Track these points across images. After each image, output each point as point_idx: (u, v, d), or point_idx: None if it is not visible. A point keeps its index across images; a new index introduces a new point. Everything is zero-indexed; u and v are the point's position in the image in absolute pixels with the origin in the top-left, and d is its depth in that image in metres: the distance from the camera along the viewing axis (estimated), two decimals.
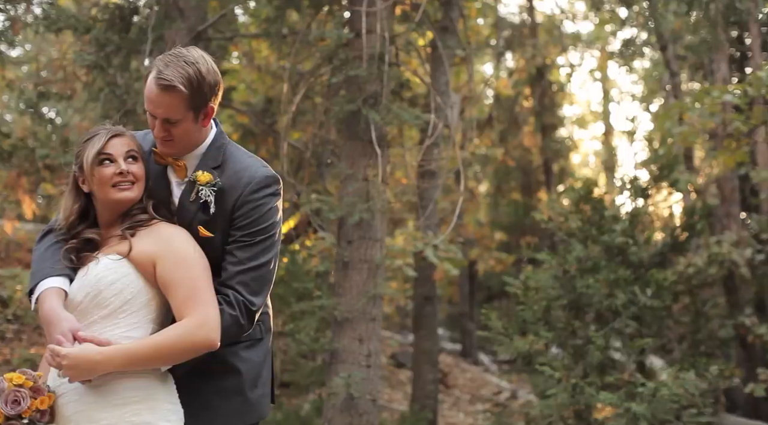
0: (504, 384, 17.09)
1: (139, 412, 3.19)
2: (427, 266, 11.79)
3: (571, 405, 7.57)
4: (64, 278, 3.30)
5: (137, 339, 3.23)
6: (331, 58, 7.95)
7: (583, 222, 8.09)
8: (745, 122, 8.99)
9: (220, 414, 3.45)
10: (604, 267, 7.86)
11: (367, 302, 7.51)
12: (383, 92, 7.51)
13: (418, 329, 12.37)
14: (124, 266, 3.26)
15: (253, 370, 3.53)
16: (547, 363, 7.67)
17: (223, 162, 3.46)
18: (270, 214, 3.44)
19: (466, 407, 14.90)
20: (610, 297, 7.76)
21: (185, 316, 3.20)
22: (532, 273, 8.13)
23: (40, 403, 3.16)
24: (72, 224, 3.43)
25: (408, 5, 8.36)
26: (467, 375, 17.45)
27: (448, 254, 10.98)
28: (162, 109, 3.28)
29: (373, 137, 7.45)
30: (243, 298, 3.35)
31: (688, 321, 10.45)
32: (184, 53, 3.30)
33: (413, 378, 12.29)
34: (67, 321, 3.17)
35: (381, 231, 7.69)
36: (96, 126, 3.49)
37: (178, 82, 3.21)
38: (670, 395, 7.42)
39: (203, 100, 3.30)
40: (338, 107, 7.54)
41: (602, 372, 7.85)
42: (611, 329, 7.85)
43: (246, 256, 3.38)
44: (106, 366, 3.10)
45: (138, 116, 8.35)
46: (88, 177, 3.34)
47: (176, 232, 3.35)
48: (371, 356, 7.53)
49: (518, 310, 8.04)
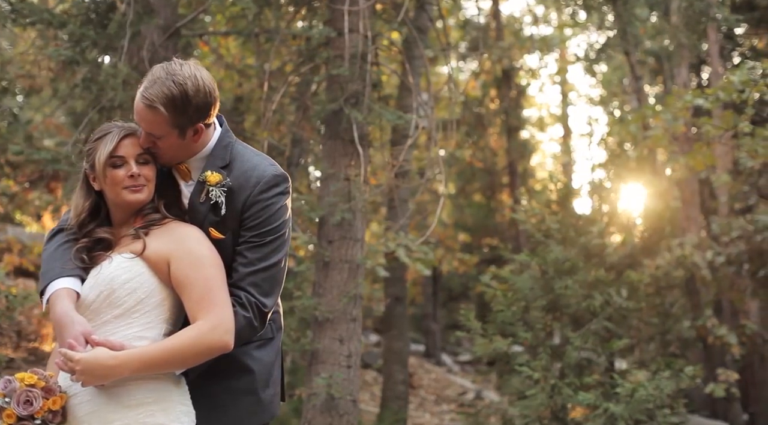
0: (468, 385, 17.16)
1: (153, 413, 3.15)
2: (398, 266, 11.80)
3: (549, 406, 7.61)
4: (76, 278, 3.24)
5: (150, 339, 3.19)
6: (312, 57, 7.89)
7: (561, 224, 8.14)
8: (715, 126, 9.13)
9: (232, 414, 3.41)
10: (582, 269, 7.92)
11: (348, 302, 7.48)
12: (365, 92, 7.48)
13: (388, 329, 12.36)
14: (138, 265, 3.21)
15: (265, 369, 3.50)
16: (526, 363, 7.70)
17: (230, 161, 3.41)
18: (279, 213, 3.40)
19: (432, 407, 14.94)
20: (588, 299, 7.82)
21: (199, 317, 3.16)
22: (510, 275, 8.16)
23: (52, 404, 3.10)
24: (83, 223, 3.37)
25: (388, 4, 8.34)
26: (431, 375, 17.50)
27: (419, 255, 11.01)
28: (144, 124, 3.25)
29: (356, 136, 7.42)
30: (255, 299, 3.31)
31: (657, 322, 10.58)
32: (176, 71, 3.21)
33: (383, 379, 12.28)
34: (79, 324, 3.11)
35: (362, 231, 7.66)
36: (108, 123, 3.42)
37: (159, 102, 3.17)
38: (647, 395, 7.50)
39: (188, 121, 3.25)
40: (320, 106, 7.49)
41: (579, 372, 7.91)
42: (588, 330, 7.91)
43: (256, 257, 3.34)
44: (121, 372, 3.05)
45: (114, 112, 8.22)
46: (99, 177, 3.29)
47: (190, 231, 3.30)
48: (352, 356, 7.50)
49: (496, 311, 8.06)
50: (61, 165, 7.93)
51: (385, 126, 8.01)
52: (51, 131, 12.71)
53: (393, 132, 11.41)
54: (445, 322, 22.36)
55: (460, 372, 19.31)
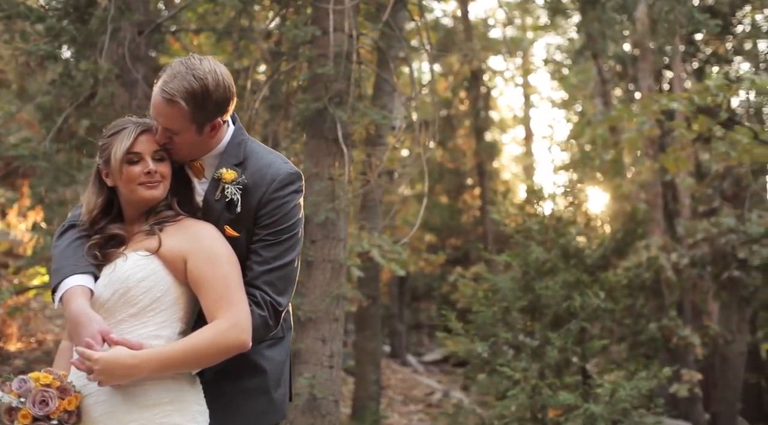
0: (435, 385, 17.20)
1: (169, 414, 3.13)
2: (372, 266, 11.79)
3: (529, 406, 7.66)
4: (89, 275, 3.19)
5: (165, 338, 3.16)
6: (295, 56, 7.86)
7: (541, 225, 8.20)
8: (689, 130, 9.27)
9: (245, 414, 3.39)
10: (562, 270, 7.98)
11: (331, 302, 7.45)
12: (349, 91, 7.46)
13: (361, 329, 12.35)
14: (154, 262, 3.18)
15: (277, 369, 3.49)
16: (506, 364, 7.74)
17: (245, 159, 3.39)
18: (294, 212, 3.39)
19: (400, 408, 14.95)
20: (569, 299, 7.89)
21: (217, 316, 3.13)
22: (491, 275, 8.19)
23: (67, 404, 3.07)
24: (95, 219, 3.32)
25: (371, 4, 8.32)
26: (398, 375, 17.52)
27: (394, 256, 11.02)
28: (162, 119, 3.22)
29: (340, 135, 7.39)
30: (270, 298, 3.30)
31: (630, 322, 10.71)
32: (196, 65, 3.19)
33: (356, 379, 12.26)
34: (96, 323, 3.07)
35: (344, 231, 7.65)
36: (122, 118, 3.37)
37: (180, 97, 3.15)
38: (626, 395, 7.58)
39: (207, 116, 3.23)
40: (304, 105, 7.46)
41: (559, 373, 7.97)
42: (567, 330, 7.97)
43: (271, 255, 3.32)
44: (140, 371, 3.02)
45: (91, 109, 8.12)
46: (114, 173, 3.24)
47: (206, 228, 3.27)
48: (334, 356, 7.47)
49: (477, 311, 8.10)
50: (39, 162, 7.80)
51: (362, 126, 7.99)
52: (18, 126, 12.49)
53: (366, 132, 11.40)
54: (409, 322, 22.41)
55: (425, 372, 19.35)
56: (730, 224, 15.33)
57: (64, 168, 7.88)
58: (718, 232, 15.52)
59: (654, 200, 16.99)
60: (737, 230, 15.44)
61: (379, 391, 12.45)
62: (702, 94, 8.91)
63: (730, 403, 16.46)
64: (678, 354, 15.99)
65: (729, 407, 16.42)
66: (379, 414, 11.99)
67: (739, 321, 16.47)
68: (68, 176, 7.89)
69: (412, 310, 24.42)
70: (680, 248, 15.86)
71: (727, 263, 15.75)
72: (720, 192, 16.36)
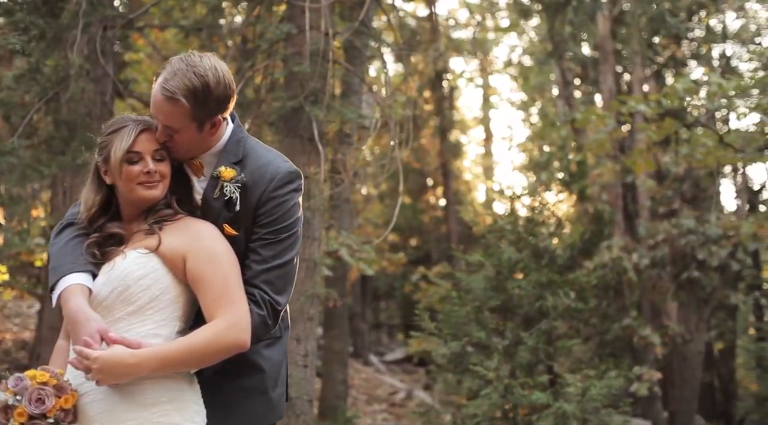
0: (398, 384, 17.23)
1: (167, 413, 3.10)
2: (339, 266, 11.77)
3: (502, 405, 7.70)
4: (88, 274, 3.16)
5: (164, 337, 3.13)
6: (269, 54, 7.81)
7: (514, 225, 8.25)
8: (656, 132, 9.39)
9: (243, 413, 3.37)
10: (534, 270, 8.04)
11: (306, 301, 7.42)
12: (325, 90, 7.44)
13: (329, 329, 12.32)
14: (153, 261, 3.15)
15: (274, 368, 3.46)
16: (479, 363, 7.78)
17: (243, 157, 3.37)
18: (293, 210, 3.37)
19: (365, 407, 14.95)
20: (541, 299, 7.94)
21: (216, 315, 3.11)
22: (464, 275, 8.22)
23: (64, 402, 3.03)
24: (93, 217, 3.28)
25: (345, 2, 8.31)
26: (362, 375, 17.51)
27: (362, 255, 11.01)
28: (162, 116, 3.18)
29: (315, 134, 7.36)
30: (269, 297, 3.28)
31: (596, 322, 10.84)
32: (196, 62, 3.17)
33: (323, 379, 12.22)
34: (95, 321, 3.04)
35: (319, 230, 7.62)
36: (121, 115, 3.32)
37: (180, 94, 3.12)
38: (597, 394, 7.66)
39: (208, 113, 3.20)
40: (280, 103, 7.41)
41: (530, 372, 8.03)
42: (538, 330, 8.03)
43: (270, 254, 3.30)
44: (140, 370, 2.98)
45: (59, 105, 7.98)
46: (114, 172, 3.20)
47: (205, 227, 3.24)
48: (308, 356, 7.44)
49: (449, 311, 8.12)
50: (6, 158, 7.64)
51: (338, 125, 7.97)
52: None
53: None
54: (369, 322, 22.40)
55: (387, 371, 19.37)
56: (689, 226, 15.59)
57: (32, 165, 7.73)
58: (678, 233, 15.78)
59: (615, 202, 17.22)
60: (696, 232, 15.72)
61: (347, 391, 12.44)
62: (670, 97, 9.03)
63: (687, 401, 16.74)
64: (638, 353, 16.21)
65: (687, 405, 16.70)
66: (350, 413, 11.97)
67: (697, 320, 16.76)
68: (36, 172, 7.75)
69: (373, 309, 24.43)
70: (640, 249, 16.11)
71: (686, 263, 16.03)
72: (680, 194, 16.65)
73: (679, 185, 16.47)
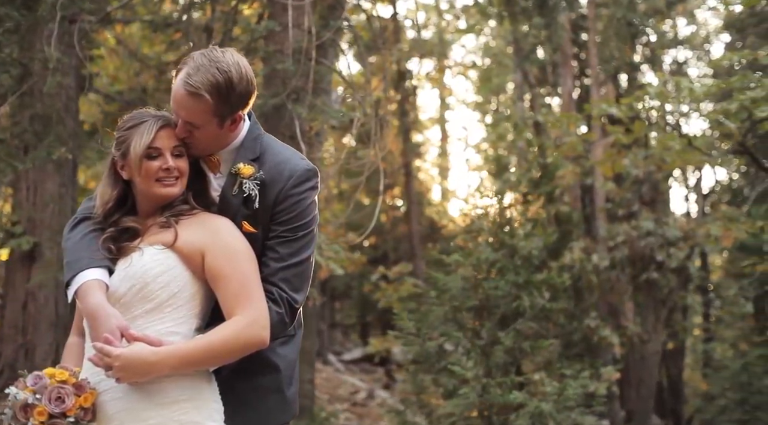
0: (359, 384, 17.22)
1: (187, 411, 3.07)
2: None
3: (479, 405, 7.74)
4: (104, 269, 3.10)
5: (182, 334, 3.09)
6: (248, 51, 7.75)
7: (493, 225, 8.29)
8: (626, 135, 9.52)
9: (259, 412, 3.35)
10: (510, 270, 8.09)
11: None
12: (308, 88, 7.40)
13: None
14: (171, 257, 3.10)
15: (289, 367, 3.45)
16: (457, 362, 7.81)
17: (261, 154, 3.34)
18: (311, 208, 3.35)
19: (327, 407, 14.90)
20: (517, 299, 8.00)
21: (236, 313, 3.07)
22: (442, 275, 8.24)
23: (84, 401, 3.00)
24: (109, 212, 3.22)
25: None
26: (322, 374, 17.47)
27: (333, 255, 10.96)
28: (184, 112, 3.14)
29: (298, 132, 7.33)
30: (287, 295, 3.25)
31: (564, 322, 10.95)
32: (219, 58, 3.13)
33: None
34: (115, 318, 2.99)
35: None
36: (139, 110, 3.27)
37: (204, 90, 3.08)
38: (572, 394, 7.74)
39: (230, 109, 3.17)
40: (262, 101, 7.36)
41: (506, 372, 8.08)
42: (514, 330, 8.09)
43: (288, 252, 3.27)
44: (161, 369, 2.95)
45: (34, 99, 7.84)
46: (132, 167, 3.15)
47: (223, 223, 3.20)
48: None
49: (428, 310, 8.14)
50: None
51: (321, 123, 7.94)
52: None
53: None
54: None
55: (346, 371, 19.35)
56: (649, 228, 15.87)
57: (5, 159, 7.58)
58: (637, 235, 16.05)
59: (574, 204, 17.44)
60: (655, 234, 16.00)
61: (313, 390, 12.39)
62: (640, 101, 9.16)
63: (644, 401, 17.03)
64: (598, 353, 16.43)
65: (644, 404, 16.99)
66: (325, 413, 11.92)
67: (654, 321, 17.07)
68: (10, 167, 7.60)
69: (330, 309, 24.38)
70: (600, 251, 16.34)
71: (645, 265, 16.31)
72: (639, 196, 16.93)
73: (638, 187, 16.76)
